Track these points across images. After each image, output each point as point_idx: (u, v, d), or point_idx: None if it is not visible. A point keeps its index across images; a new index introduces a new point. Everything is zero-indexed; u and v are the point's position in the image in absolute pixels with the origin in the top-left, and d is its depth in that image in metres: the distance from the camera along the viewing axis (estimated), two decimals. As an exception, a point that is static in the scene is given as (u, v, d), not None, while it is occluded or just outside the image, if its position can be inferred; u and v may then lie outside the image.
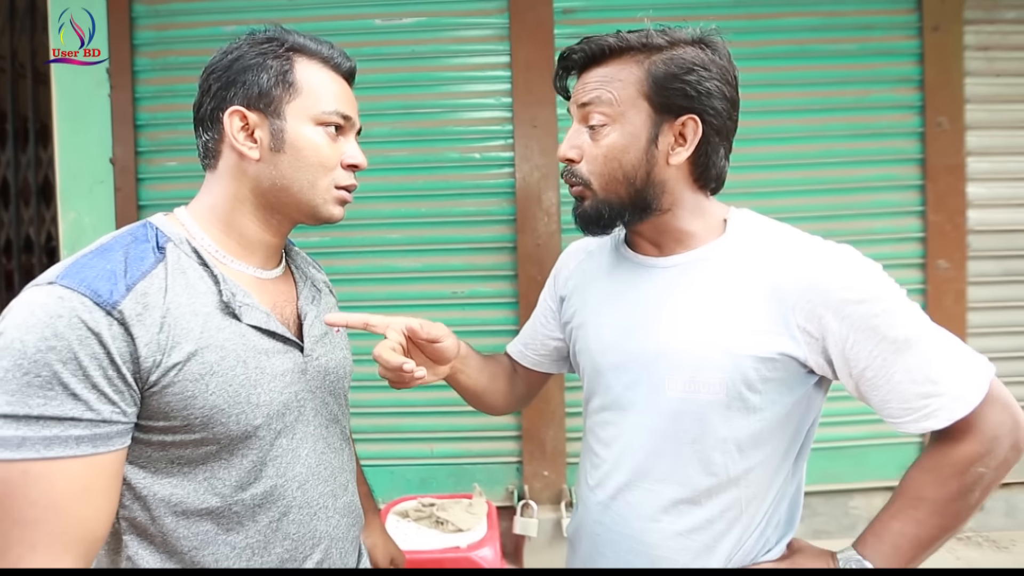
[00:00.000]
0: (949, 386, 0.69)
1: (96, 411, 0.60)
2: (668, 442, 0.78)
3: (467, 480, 2.20)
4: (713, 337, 0.74)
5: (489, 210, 2.19)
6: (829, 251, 0.74)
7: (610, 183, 0.77)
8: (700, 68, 0.74)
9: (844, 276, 0.71)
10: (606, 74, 0.76)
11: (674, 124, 0.75)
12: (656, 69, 0.74)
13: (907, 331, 0.69)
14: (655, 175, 0.77)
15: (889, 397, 0.71)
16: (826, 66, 2.17)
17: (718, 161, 0.79)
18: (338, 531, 0.81)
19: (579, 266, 0.95)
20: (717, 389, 0.74)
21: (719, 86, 0.75)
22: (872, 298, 0.70)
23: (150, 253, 0.68)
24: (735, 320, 0.74)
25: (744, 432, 0.75)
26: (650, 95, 0.74)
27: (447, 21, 2.15)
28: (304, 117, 0.73)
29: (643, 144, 0.75)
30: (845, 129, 2.17)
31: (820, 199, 2.19)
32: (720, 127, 0.76)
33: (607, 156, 0.76)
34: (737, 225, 0.81)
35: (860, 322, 0.69)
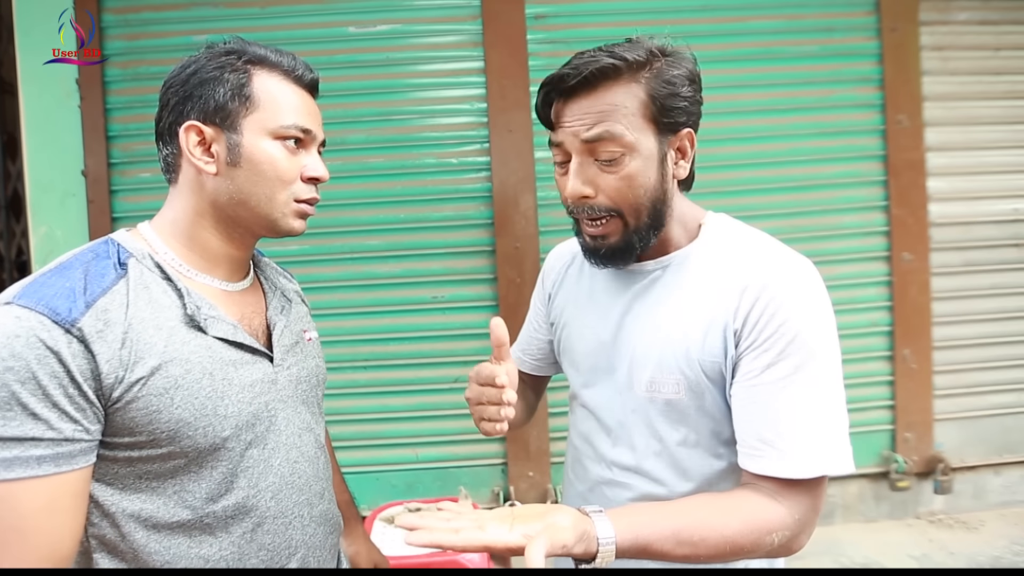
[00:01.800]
0: (790, 445, 0.68)
1: (57, 430, 0.59)
2: (639, 439, 0.80)
3: (453, 483, 2.22)
4: (676, 339, 0.77)
5: (467, 214, 2.21)
6: (788, 266, 0.74)
7: (639, 211, 0.75)
8: (688, 80, 0.74)
9: (787, 292, 0.71)
10: (609, 102, 0.72)
11: (675, 139, 0.75)
12: (656, 89, 0.72)
13: (804, 373, 0.69)
14: (668, 192, 0.77)
15: (745, 418, 0.72)
16: (790, 67, 2.24)
17: (694, 164, 0.81)
18: (314, 540, 0.80)
19: (565, 269, 0.97)
20: (678, 389, 0.76)
21: (700, 95, 0.76)
22: (800, 324, 0.70)
23: (111, 269, 0.67)
24: (697, 323, 0.76)
25: (707, 431, 0.78)
26: (655, 117, 0.73)
27: (420, 28, 2.17)
28: (261, 131, 0.71)
29: (656, 164, 0.74)
30: (809, 128, 2.25)
31: (787, 196, 2.26)
32: (697, 134, 0.78)
33: (631, 185, 0.74)
34: (711, 230, 0.81)
35: (775, 335, 0.70)
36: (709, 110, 0.83)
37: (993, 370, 2.34)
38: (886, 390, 2.31)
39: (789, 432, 0.69)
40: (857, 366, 2.28)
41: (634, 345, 0.80)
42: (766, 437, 0.70)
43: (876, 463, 2.32)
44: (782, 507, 0.69)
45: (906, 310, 2.28)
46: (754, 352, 0.71)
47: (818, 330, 0.71)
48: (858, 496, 2.36)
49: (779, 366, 0.70)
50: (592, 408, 0.86)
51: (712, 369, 0.74)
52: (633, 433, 0.81)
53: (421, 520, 0.59)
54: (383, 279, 2.20)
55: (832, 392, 0.71)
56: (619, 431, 0.82)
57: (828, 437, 0.70)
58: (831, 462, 0.69)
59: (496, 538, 0.57)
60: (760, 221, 2.25)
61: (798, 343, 0.69)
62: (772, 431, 0.70)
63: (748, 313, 0.72)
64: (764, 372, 0.70)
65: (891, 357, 2.30)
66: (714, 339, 0.74)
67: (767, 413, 0.70)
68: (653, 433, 0.79)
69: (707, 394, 0.75)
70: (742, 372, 0.72)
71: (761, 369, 0.71)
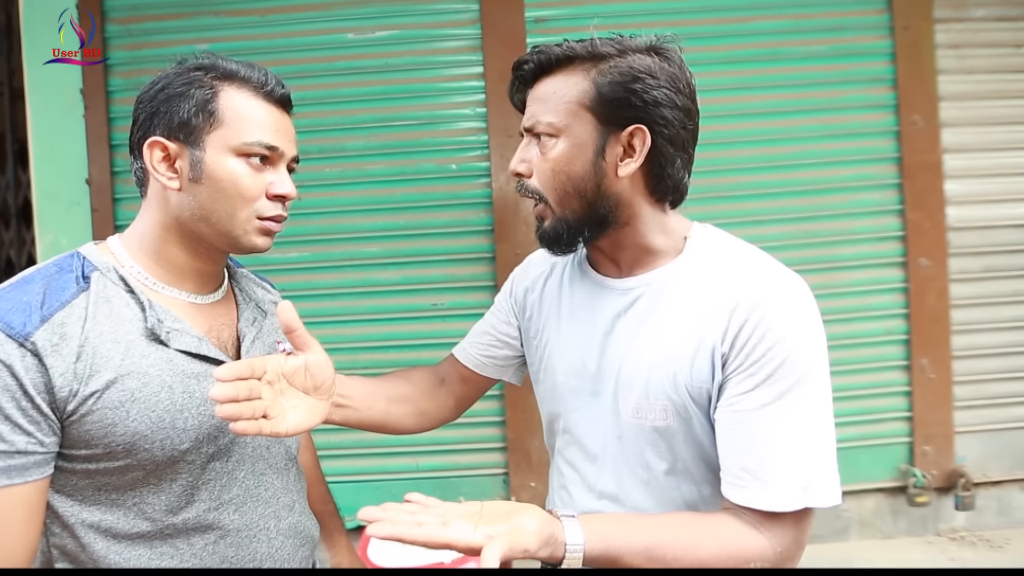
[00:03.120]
0: (772, 476, 0.65)
1: (9, 442, 0.60)
2: (625, 467, 0.77)
3: (453, 493, 2.18)
4: (662, 363, 0.73)
5: (467, 221, 2.19)
6: (780, 284, 0.71)
7: (563, 198, 0.75)
8: (647, 76, 0.70)
9: (778, 311, 0.68)
10: (552, 87, 0.74)
11: (621, 135, 0.72)
12: (600, 80, 0.71)
13: (791, 399, 0.66)
14: (606, 187, 0.74)
15: (728, 445, 0.69)
16: (798, 68, 2.18)
17: (674, 172, 0.75)
18: (282, 553, 0.80)
19: (543, 280, 0.93)
20: (665, 415, 0.73)
21: (668, 94, 0.71)
22: (790, 347, 0.66)
23: (72, 283, 0.68)
24: (684, 346, 0.71)
25: (695, 458, 0.74)
26: (593, 106, 0.72)
27: (420, 33, 2.16)
28: (224, 148, 0.71)
29: (590, 156, 0.73)
30: (820, 130, 2.18)
31: (796, 200, 2.19)
32: (673, 137, 0.73)
33: (555, 169, 0.74)
34: (696, 244, 0.77)
35: (763, 358, 0.66)
36: (714, 112, 0.79)
37: (1017, 380, 2.23)
38: (903, 401, 2.22)
39: (772, 461, 0.66)
40: (872, 376, 2.20)
41: (618, 369, 0.76)
42: (748, 466, 0.67)
43: (893, 477, 2.23)
44: (763, 537, 0.66)
45: (923, 318, 2.19)
46: (740, 375, 0.68)
47: (808, 354, 0.67)
48: (874, 511, 2.27)
49: (765, 391, 0.67)
50: (576, 434, 0.83)
51: (700, 395, 0.71)
52: (619, 461, 0.77)
53: (383, 512, 0.57)
54: (382, 286, 2.19)
55: (820, 420, 0.67)
56: (604, 458, 0.79)
57: (814, 468, 0.66)
58: (816, 494, 0.65)
59: (458, 536, 0.56)
60: (768, 226, 2.21)
61: (787, 367, 0.66)
62: (755, 460, 0.66)
63: (737, 334, 0.68)
64: (748, 396, 0.67)
65: (908, 367, 2.20)
66: (702, 363, 0.70)
67: (750, 440, 0.67)
68: (640, 461, 0.76)
69: (695, 420, 0.72)
70: (727, 396, 0.69)
71: (745, 393, 0.67)
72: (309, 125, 2.11)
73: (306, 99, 2.11)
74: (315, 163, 2.15)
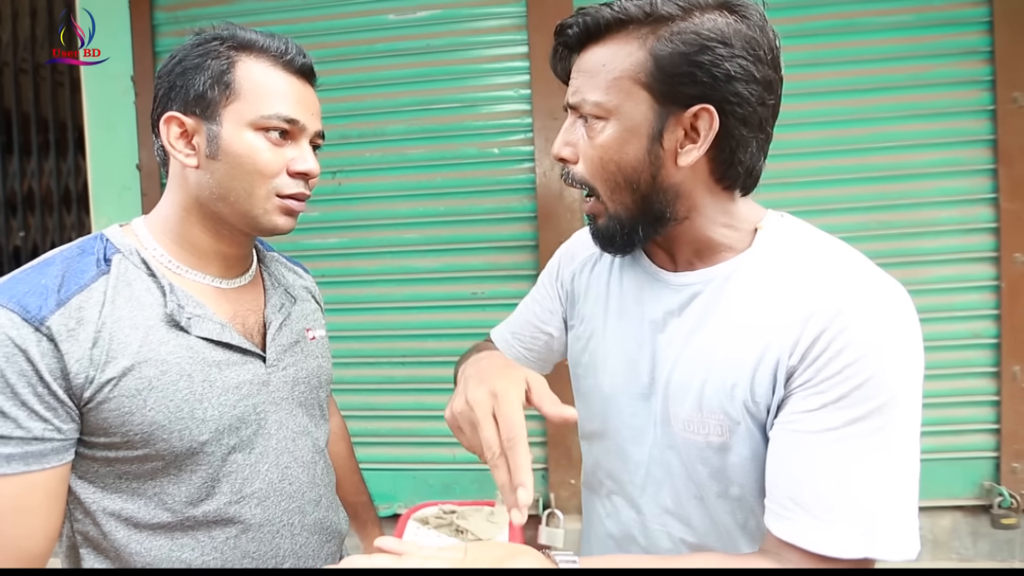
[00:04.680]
0: (830, 513, 0.54)
1: (26, 429, 0.59)
2: (675, 480, 0.68)
3: (490, 486, 2.13)
4: (719, 373, 0.63)
5: (509, 207, 2.11)
6: (872, 291, 0.58)
7: (614, 191, 0.64)
8: (717, 44, 0.57)
9: (866, 324, 0.55)
10: (600, 57, 0.62)
11: (683, 117, 0.60)
12: (660, 49, 0.58)
13: (870, 427, 0.54)
14: (663, 179, 0.63)
15: (779, 469, 0.58)
16: (877, 40, 1.96)
17: (747, 157, 0.63)
18: (306, 550, 0.77)
19: (592, 263, 0.83)
20: (720, 431, 0.63)
21: (744, 65, 0.58)
22: (877, 367, 0.54)
23: (92, 266, 0.66)
24: (746, 356, 0.61)
25: (751, 484, 0.63)
26: (650, 83, 0.59)
27: (462, 12, 2.08)
28: (241, 121, 0.68)
29: (644, 142, 0.61)
30: (900, 109, 1.96)
31: (872, 187, 1.99)
32: (747, 116, 0.60)
33: (603, 157, 0.63)
34: (767, 237, 0.66)
35: (838, 376, 0.55)
36: None
37: None
38: (990, 412, 1.99)
39: (831, 495, 0.54)
40: (956, 383, 1.98)
41: (669, 374, 0.67)
42: (800, 497, 0.56)
43: (975, 495, 2.01)
44: None
45: (1017, 319, 1.95)
46: (806, 391, 0.57)
47: (898, 379, 0.55)
48: (951, 531, 2.06)
49: (834, 413, 0.55)
50: (619, 439, 0.74)
51: (760, 413, 0.61)
52: (668, 472, 0.69)
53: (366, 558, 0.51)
54: (422, 274, 2.14)
55: (900, 457, 0.55)
56: (651, 468, 0.70)
57: (883, 511, 0.54)
58: (881, 544, 0.53)
59: None
60: (839, 215, 2.02)
61: (867, 391, 0.54)
62: (809, 490, 0.55)
63: (810, 346, 0.57)
64: (812, 416, 0.56)
65: (997, 374, 1.97)
66: (763, 377, 0.60)
67: (807, 467, 0.56)
68: (691, 476, 0.66)
69: (755, 441, 0.62)
70: (786, 412, 0.58)
71: (809, 412, 0.56)
72: (349, 109, 2.10)
73: (346, 82, 2.10)
74: (355, 147, 2.13)
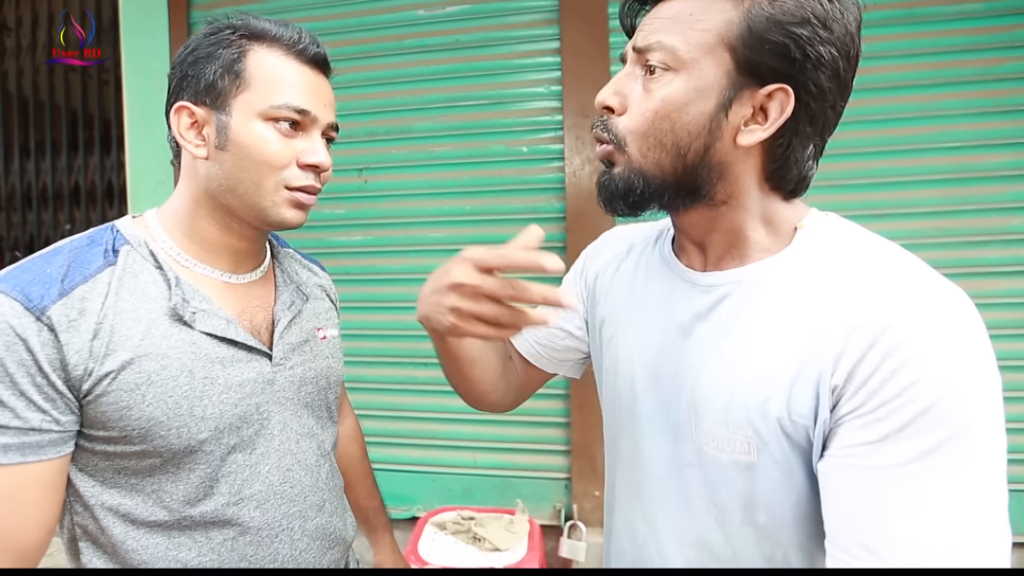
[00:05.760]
0: (907, 560, 0.47)
1: (24, 419, 0.59)
2: (695, 499, 0.62)
3: (511, 493, 2.09)
4: (749, 383, 0.56)
5: (537, 207, 2.05)
6: (927, 299, 0.51)
7: (652, 148, 0.58)
8: (818, 24, 0.52)
9: (924, 338, 0.48)
10: (690, 6, 0.56)
11: (757, 93, 0.55)
12: (756, 13, 0.53)
13: (943, 459, 0.47)
14: (715, 153, 0.57)
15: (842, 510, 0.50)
16: (940, 32, 1.80)
17: (803, 158, 0.58)
18: (306, 556, 0.75)
19: (618, 262, 0.78)
20: (748, 449, 0.56)
21: (835, 57, 0.53)
22: (944, 387, 0.47)
23: (99, 257, 0.66)
24: (781, 366, 0.55)
25: (788, 516, 0.57)
26: (737, 46, 0.54)
27: (492, 7, 2.03)
28: (251, 112, 0.67)
29: (711, 107, 0.56)
30: (966, 107, 1.79)
31: (933, 191, 1.83)
32: (817, 113, 0.56)
33: (658, 112, 0.57)
34: (808, 237, 0.59)
35: (898, 400, 0.48)
36: None
37: None
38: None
39: (908, 541, 0.47)
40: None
41: (694, 382, 0.61)
42: (870, 542, 0.48)
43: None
44: None
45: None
46: (861, 419, 0.50)
47: (972, 399, 0.47)
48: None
49: (901, 445, 0.48)
50: (641, 449, 0.68)
51: (798, 433, 0.54)
52: (689, 490, 0.62)
53: None
54: (446, 274, 2.10)
55: (988, 491, 0.47)
56: (671, 483, 0.64)
57: (973, 554, 0.46)
58: None
59: None
60: (894, 220, 1.87)
61: (936, 416, 0.47)
62: (881, 535, 0.48)
63: (857, 363, 0.50)
64: (875, 449, 0.49)
65: (1073, 397, 1.78)
66: (803, 393, 0.53)
67: (875, 508, 0.49)
68: (713, 497, 0.60)
69: (789, 463, 0.55)
70: (842, 444, 0.51)
71: (871, 444, 0.49)
72: (377, 106, 2.08)
73: (374, 79, 2.08)
74: (382, 144, 2.11)
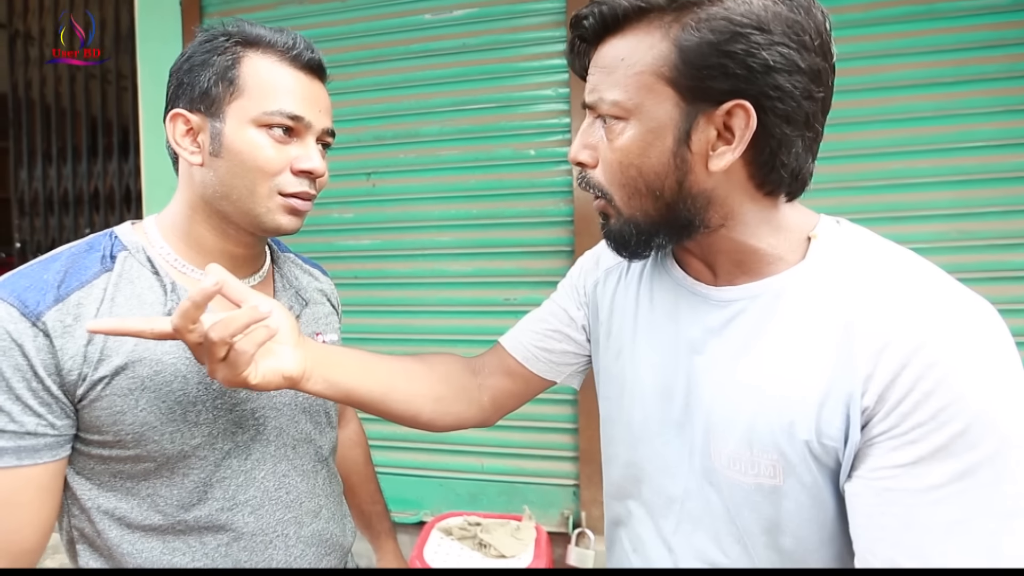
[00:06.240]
0: None
1: (19, 423, 0.60)
2: (715, 520, 0.60)
3: (519, 499, 2.07)
4: (773, 404, 0.54)
5: (544, 211, 2.04)
6: (956, 315, 0.49)
7: (632, 196, 0.58)
8: (752, 31, 0.50)
9: (957, 357, 0.47)
10: (619, 50, 0.56)
11: (714, 115, 0.53)
12: (686, 39, 0.51)
13: (981, 480, 0.45)
14: (691, 185, 0.56)
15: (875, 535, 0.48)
16: (961, 28, 1.74)
17: (791, 158, 0.55)
18: (301, 562, 0.75)
19: (616, 271, 0.76)
20: (774, 473, 0.54)
21: (786, 54, 0.51)
22: (979, 407, 0.45)
23: (96, 263, 0.66)
24: (807, 386, 0.53)
25: (807, 536, 0.55)
26: (675, 78, 0.53)
27: (499, 10, 2.03)
28: (244, 118, 0.67)
29: (669, 145, 0.55)
30: (989, 104, 1.73)
31: (954, 192, 1.76)
32: (791, 112, 0.53)
33: (622, 162, 0.57)
34: (824, 248, 0.58)
35: (933, 422, 0.46)
36: (848, 87, 0.57)
37: None
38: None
39: (944, 563, 0.46)
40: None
41: (711, 402, 0.59)
42: (902, 564, 0.47)
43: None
44: None
45: None
46: (894, 441, 0.48)
47: (1008, 415, 0.46)
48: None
49: (936, 467, 0.46)
50: (651, 470, 0.66)
51: (827, 456, 0.52)
52: (708, 511, 0.60)
53: None
54: (454, 278, 2.10)
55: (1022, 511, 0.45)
56: (687, 504, 0.62)
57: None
58: None
59: None
60: (913, 223, 1.82)
61: (971, 437, 0.45)
62: (915, 559, 0.47)
63: (890, 385, 0.48)
64: (909, 472, 0.47)
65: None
66: (833, 415, 0.51)
67: (909, 532, 0.47)
68: (735, 520, 0.58)
69: (818, 487, 0.53)
70: (872, 466, 0.49)
71: (904, 467, 0.47)
72: (384, 111, 2.09)
73: (381, 84, 2.09)
74: (390, 149, 2.12)
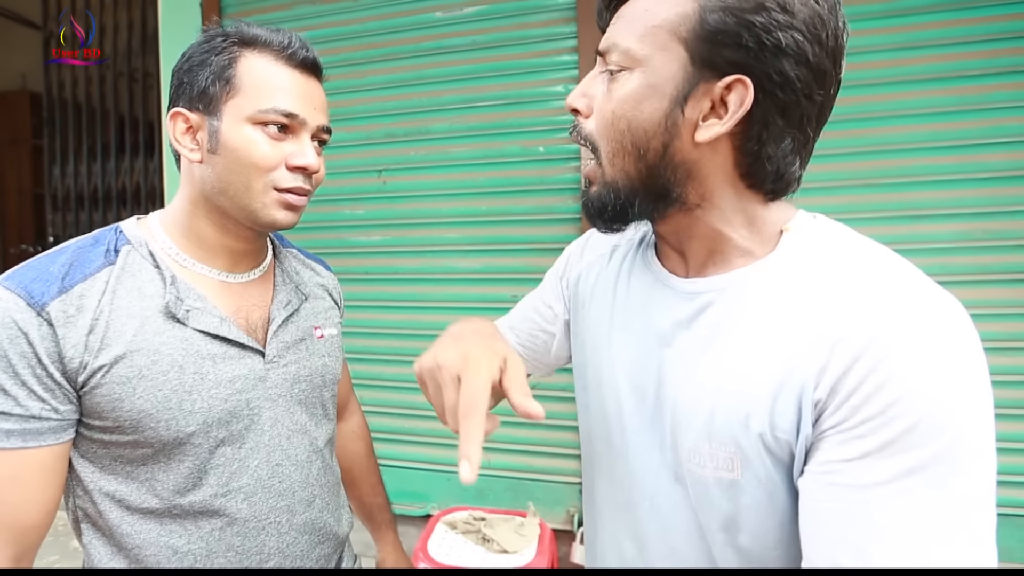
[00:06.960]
0: None
1: (25, 407, 0.63)
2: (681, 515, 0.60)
3: (525, 495, 2.08)
4: (731, 397, 0.54)
5: (553, 208, 2.03)
6: (915, 309, 0.47)
7: (617, 153, 0.57)
8: (775, 8, 0.49)
9: (910, 351, 0.45)
10: (643, 6, 0.55)
11: (715, 86, 0.52)
12: (711, 3, 0.51)
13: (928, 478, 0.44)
14: (674, 152, 0.55)
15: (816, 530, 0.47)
16: (991, 18, 1.67)
17: (777, 154, 0.54)
18: (293, 549, 0.78)
19: (598, 264, 0.75)
20: (731, 466, 0.54)
21: (798, 41, 0.50)
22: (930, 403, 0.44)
23: (100, 257, 0.70)
24: (763, 379, 0.52)
25: (763, 526, 0.54)
26: (690, 39, 0.52)
27: (510, 7, 2.03)
28: (240, 116, 0.70)
29: (664, 104, 0.54)
30: (1012, 99, 1.66)
31: (979, 191, 1.70)
32: (788, 104, 0.52)
33: (615, 112, 0.55)
34: (794, 241, 0.57)
35: (882, 417, 0.45)
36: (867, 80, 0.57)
37: None
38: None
39: (884, 563, 0.44)
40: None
41: (676, 395, 0.59)
42: (843, 563, 0.46)
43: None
44: None
45: None
46: (842, 435, 0.47)
47: (959, 417, 0.44)
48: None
49: (883, 463, 0.45)
50: (625, 464, 0.66)
51: (781, 451, 0.51)
52: (676, 507, 0.60)
53: None
54: (462, 274, 2.12)
55: (971, 515, 0.44)
56: (658, 499, 0.62)
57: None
58: None
59: None
60: (934, 222, 1.79)
61: (922, 434, 0.44)
62: (854, 556, 0.45)
63: (840, 377, 0.47)
64: (855, 467, 0.46)
65: None
66: (785, 408, 0.50)
67: (852, 528, 0.46)
68: (699, 516, 0.58)
69: (773, 483, 0.52)
70: (821, 460, 0.48)
71: (850, 461, 0.46)
72: (395, 108, 2.12)
73: (392, 81, 2.11)
74: (401, 146, 2.14)
